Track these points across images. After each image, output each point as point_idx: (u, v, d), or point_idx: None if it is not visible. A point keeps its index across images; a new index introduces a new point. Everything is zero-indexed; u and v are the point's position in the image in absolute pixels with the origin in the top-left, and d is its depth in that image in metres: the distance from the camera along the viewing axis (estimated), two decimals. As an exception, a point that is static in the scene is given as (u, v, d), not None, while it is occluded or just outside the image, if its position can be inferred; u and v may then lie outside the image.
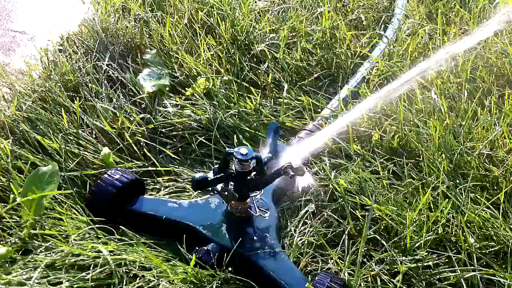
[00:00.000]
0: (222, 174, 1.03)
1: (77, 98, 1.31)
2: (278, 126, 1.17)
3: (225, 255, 0.99)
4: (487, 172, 1.18)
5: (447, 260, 1.04)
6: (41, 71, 1.40)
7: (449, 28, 1.66)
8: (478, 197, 1.13)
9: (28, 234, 1.02)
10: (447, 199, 1.10)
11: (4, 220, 1.04)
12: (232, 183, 1.04)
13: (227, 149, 1.04)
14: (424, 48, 1.57)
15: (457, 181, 1.17)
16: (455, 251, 1.05)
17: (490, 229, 1.08)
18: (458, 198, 1.12)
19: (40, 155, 1.17)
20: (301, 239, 1.09)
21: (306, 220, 1.13)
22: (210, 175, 1.03)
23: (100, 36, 1.49)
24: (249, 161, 1.01)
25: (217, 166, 1.04)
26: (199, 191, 1.15)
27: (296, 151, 1.13)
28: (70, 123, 1.26)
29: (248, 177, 1.03)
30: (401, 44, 1.57)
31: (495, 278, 1.00)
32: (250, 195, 1.06)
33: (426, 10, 1.74)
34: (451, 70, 1.46)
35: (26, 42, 1.57)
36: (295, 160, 1.05)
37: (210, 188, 1.04)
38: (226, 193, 1.02)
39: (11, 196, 1.06)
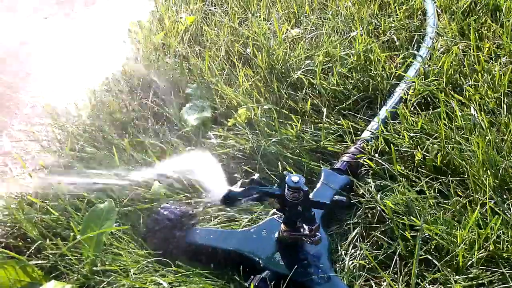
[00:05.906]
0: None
1: (126, 135, 1.36)
2: None
3: (281, 282, 1.01)
4: (534, 186, 1.19)
5: (501, 276, 1.04)
6: (90, 112, 1.46)
7: (482, 43, 1.67)
8: (527, 211, 1.13)
9: (89, 270, 1.06)
10: (496, 215, 1.11)
11: (66, 257, 1.08)
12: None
13: (285, 172, 1.07)
14: (459, 64, 1.58)
15: (504, 196, 1.17)
16: (508, 267, 1.06)
17: (542, 243, 1.08)
18: (507, 213, 1.12)
19: (95, 192, 1.22)
20: (352, 262, 1.11)
21: (356, 243, 1.15)
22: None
23: (143, 73, 1.55)
24: (299, 189, 1.04)
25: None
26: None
27: None
28: (120, 160, 1.31)
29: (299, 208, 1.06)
30: (436, 63, 1.59)
31: (552, 292, 1.00)
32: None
33: (457, 27, 1.75)
34: (488, 85, 1.47)
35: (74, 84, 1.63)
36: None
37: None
38: None
39: (71, 234, 1.11)
